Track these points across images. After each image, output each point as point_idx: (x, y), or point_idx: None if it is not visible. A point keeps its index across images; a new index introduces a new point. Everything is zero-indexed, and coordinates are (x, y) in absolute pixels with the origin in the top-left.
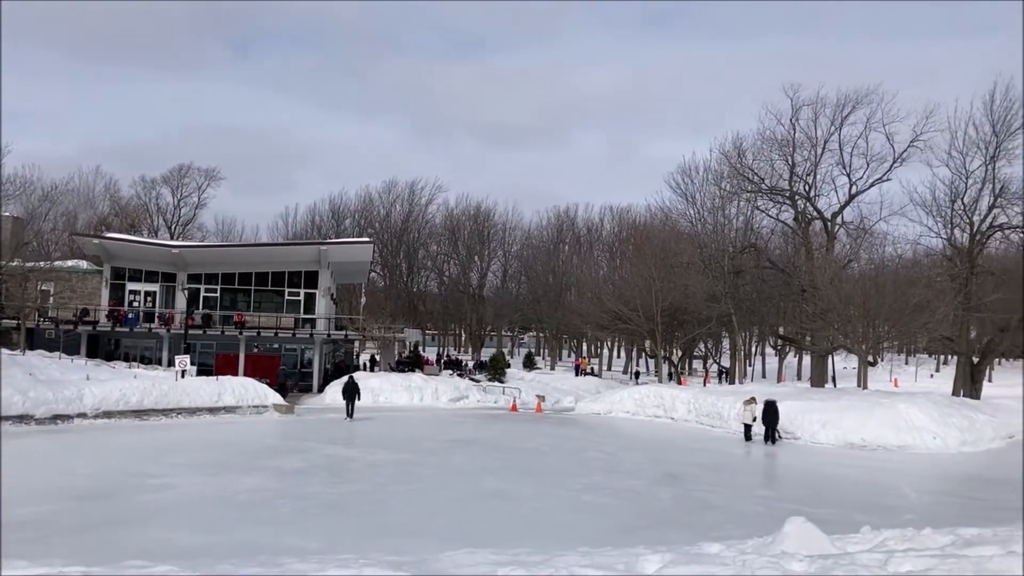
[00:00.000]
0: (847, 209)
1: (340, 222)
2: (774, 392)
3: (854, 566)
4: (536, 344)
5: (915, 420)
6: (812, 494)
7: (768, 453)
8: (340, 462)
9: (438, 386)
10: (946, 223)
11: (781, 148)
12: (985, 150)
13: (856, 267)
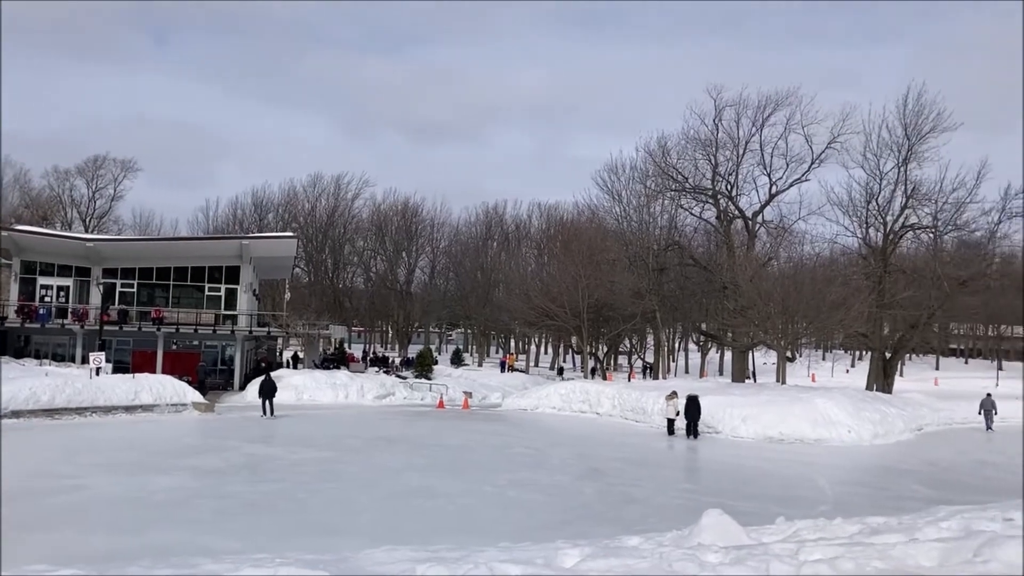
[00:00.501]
0: (767, 208)
1: (263, 216)
2: (696, 387)
3: (767, 556)
4: (464, 341)
5: (831, 414)
6: (732, 487)
7: (690, 447)
8: (261, 461)
9: (364, 383)
10: (861, 223)
11: (704, 148)
12: (898, 153)
13: (776, 265)
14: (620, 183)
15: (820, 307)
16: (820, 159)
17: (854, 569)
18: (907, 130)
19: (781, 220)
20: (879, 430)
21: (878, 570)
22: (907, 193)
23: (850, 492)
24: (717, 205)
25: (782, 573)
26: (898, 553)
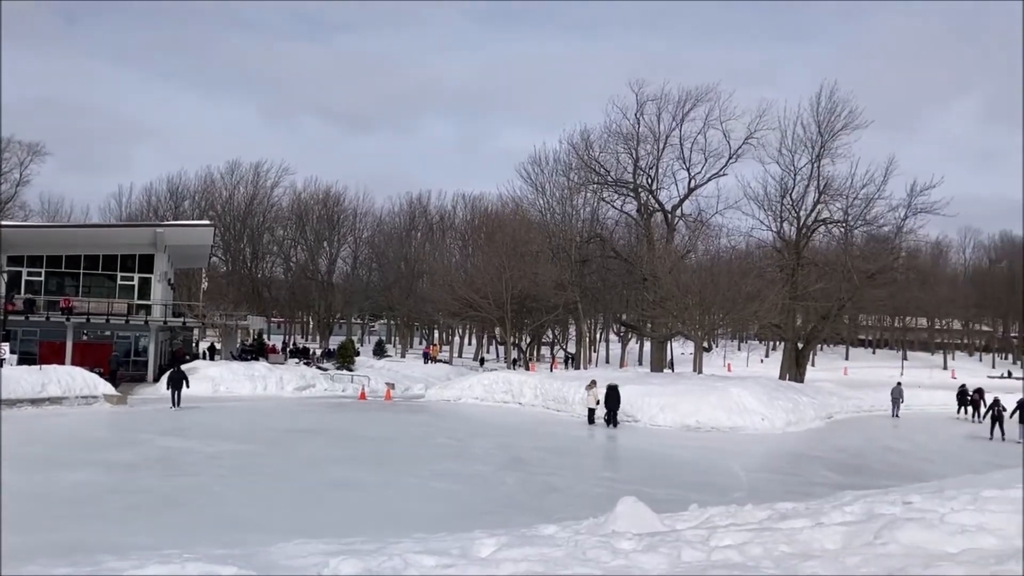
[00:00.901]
0: (686, 202)
1: (179, 204)
2: (616, 377)
3: (679, 543)
4: (387, 332)
5: (746, 403)
6: (650, 475)
7: (610, 436)
8: (176, 454)
9: (283, 375)
10: (776, 217)
11: (626, 141)
12: (811, 149)
13: (694, 258)
14: (544, 175)
15: (736, 299)
16: (737, 154)
17: (762, 554)
18: (820, 127)
19: (699, 214)
20: (791, 418)
21: (785, 554)
22: (819, 189)
23: (763, 478)
24: (638, 198)
25: (693, 559)
26: (804, 537)
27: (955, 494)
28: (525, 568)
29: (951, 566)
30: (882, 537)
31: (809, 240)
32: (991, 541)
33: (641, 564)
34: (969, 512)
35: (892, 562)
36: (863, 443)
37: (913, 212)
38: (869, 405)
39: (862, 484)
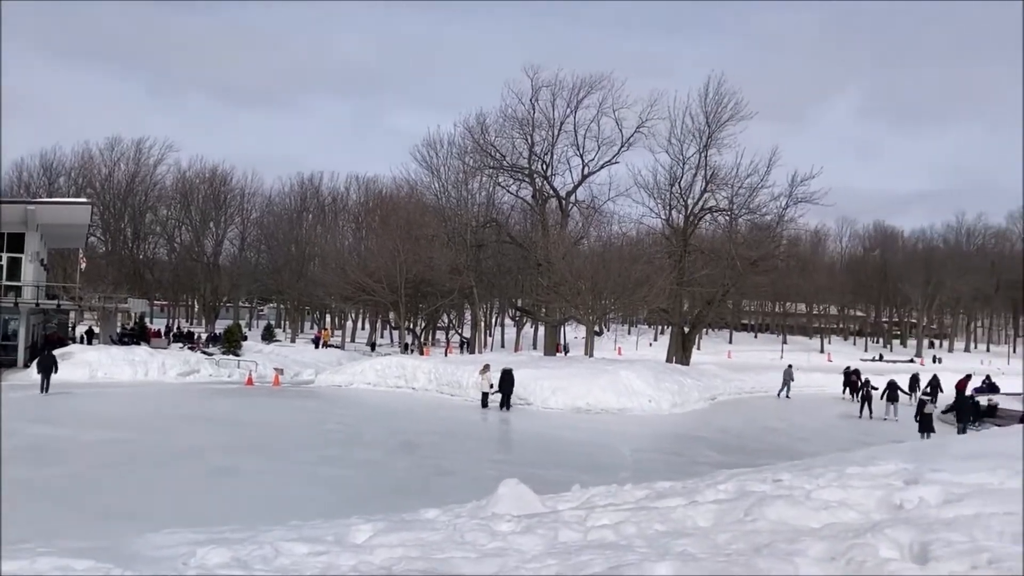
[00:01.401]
0: (580, 189)
1: (53, 180)
2: (510, 361)
3: (557, 523)
4: (276, 316)
5: (634, 385)
6: (541, 456)
7: (503, 419)
8: (49, 443)
9: (165, 360)
10: (665, 205)
11: (521, 127)
12: (699, 139)
13: (587, 244)
14: (439, 159)
15: (626, 284)
16: (629, 143)
17: (636, 533)
18: (708, 118)
19: (592, 200)
20: (677, 399)
21: (658, 532)
22: (706, 178)
23: (649, 458)
24: (533, 184)
25: (569, 539)
26: (678, 515)
27: (822, 471)
28: (401, 553)
29: (813, 541)
30: (752, 514)
31: (696, 228)
32: (851, 515)
33: (518, 545)
34: (833, 488)
35: (759, 538)
36: (744, 423)
37: (794, 202)
38: (750, 387)
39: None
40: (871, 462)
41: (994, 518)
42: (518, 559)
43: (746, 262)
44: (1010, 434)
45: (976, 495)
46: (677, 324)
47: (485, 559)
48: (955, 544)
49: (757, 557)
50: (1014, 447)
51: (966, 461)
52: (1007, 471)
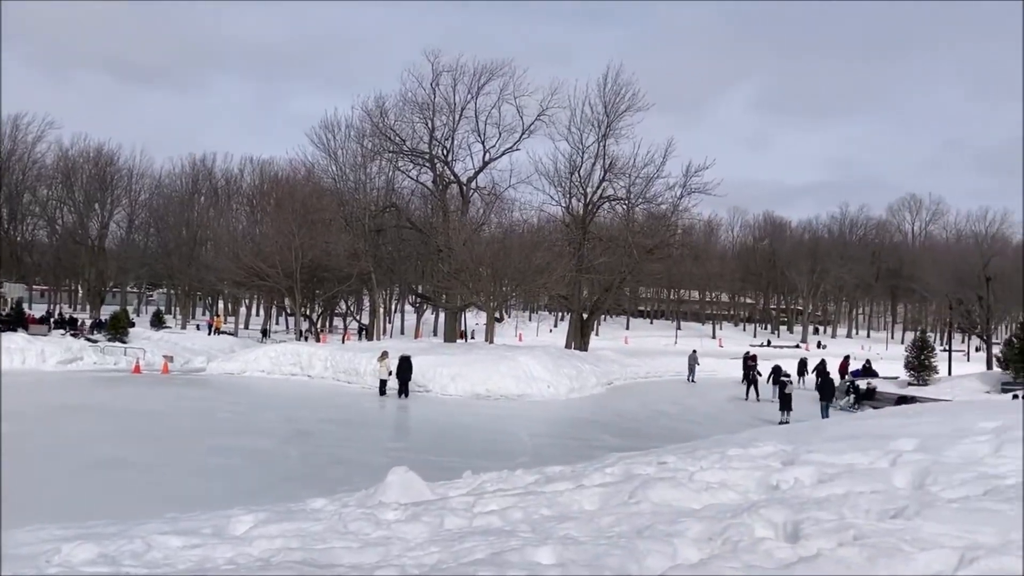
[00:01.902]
0: (481, 175)
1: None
2: (410, 348)
3: (443, 511)
4: (166, 302)
5: (533, 371)
6: (438, 443)
7: (401, 406)
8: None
9: (45, 347)
10: (565, 193)
11: (422, 111)
12: (598, 128)
13: (487, 230)
14: (337, 142)
15: (527, 271)
16: (530, 130)
17: (522, 518)
18: (607, 108)
19: (493, 187)
20: (575, 384)
21: (544, 517)
22: (605, 167)
23: (547, 443)
24: (434, 169)
25: (454, 526)
26: (565, 500)
27: (705, 453)
28: (280, 544)
29: (692, 522)
30: (636, 497)
31: (595, 216)
32: (731, 496)
33: (403, 534)
34: (715, 470)
35: (642, 520)
36: (638, 407)
37: (688, 192)
38: (646, 372)
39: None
40: (751, 444)
41: (862, 496)
42: (401, 547)
43: (642, 250)
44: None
45: (847, 475)
46: (576, 310)
47: (367, 548)
48: (824, 522)
49: (638, 539)
50: (884, 428)
51: (839, 442)
52: (877, 451)
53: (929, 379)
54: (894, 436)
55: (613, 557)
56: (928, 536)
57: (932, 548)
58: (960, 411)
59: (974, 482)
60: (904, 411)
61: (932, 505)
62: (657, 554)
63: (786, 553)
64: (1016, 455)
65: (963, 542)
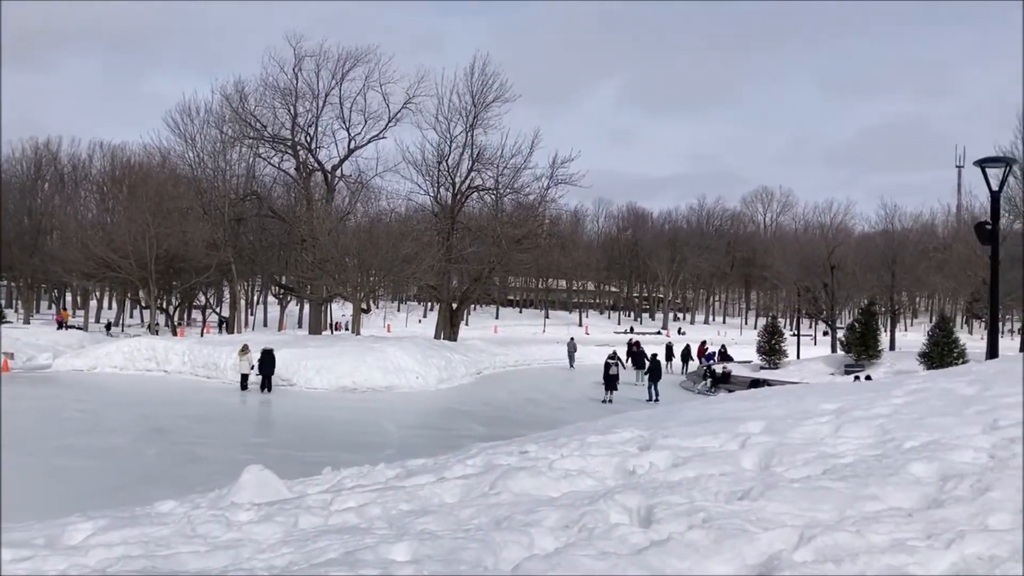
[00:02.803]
0: (346, 163)
1: None
2: (273, 340)
3: (299, 509)
4: (7, 295)
5: (401, 362)
6: (303, 438)
7: (264, 401)
8: None
9: None
10: (433, 182)
11: (284, 97)
12: (466, 118)
13: (354, 219)
14: (194, 127)
15: (394, 261)
16: (396, 118)
17: (380, 514)
18: (474, 97)
19: (359, 175)
20: (444, 375)
21: (403, 512)
22: (473, 157)
23: (415, 435)
24: (296, 156)
25: (309, 525)
26: (425, 493)
27: (566, 441)
28: (121, 552)
29: (550, 510)
30: (496, 487)
31: (463, 206)
32: (589, 483)
33: (255, 535)
34: (575, 458)
35: (501, 511)
36: (507, 396)
37: (555, 182)
38: (515, 360)
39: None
40: (611, 430)
41: (712, 479)
42: (252, 550)
43: (511, 240)
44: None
45: (699, 458)
46: (445, 300)
47: (215, 552)
48: (675, 506)
49: (496, 531)
50: (736, 411)
51: (693, 426)
52: (727, 434)
53: (780, 363)
54: (744, 419)
55: (469, 550)
56: (771, 516)
57: (775, 527)
58: (804, 394)
59: (815, 462)
60: (754, 394)
61: (776, 486)
62: (514, 545)
63: (639, 538)
64: (854, 435)
65: (803, 520)
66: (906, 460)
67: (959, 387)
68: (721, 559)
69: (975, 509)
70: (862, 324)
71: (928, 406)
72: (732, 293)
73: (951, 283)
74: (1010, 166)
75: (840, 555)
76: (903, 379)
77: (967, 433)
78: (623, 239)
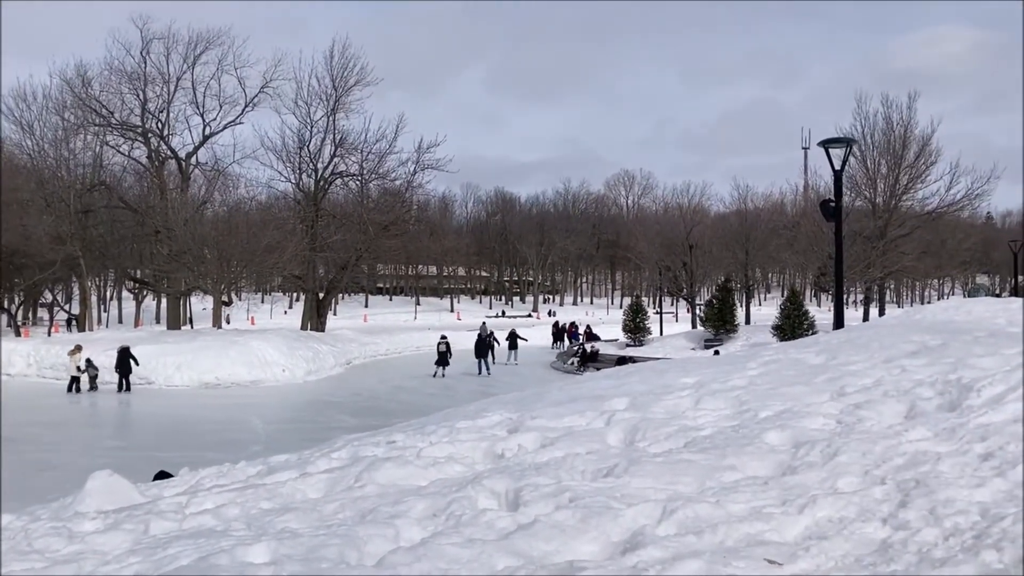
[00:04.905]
0: (202, 150)
1: None
2: (129, 337)
3: (150, 515)
4: None
5: (267, 355)
6: (164, 439)
7: (121, 401)
8: None
9: None
10: (295, 169)
11: (131, 81)
12: (327, 102)
13: (211, 209)
14: (32, 113)
15: (256, 251)
16: (253, 103)
17: (239, 514)
18: (335, 81)
19: (216, 163)
20: (312, 367)
21: (263, 511)
22: (335, 142)
23: (283, 429)
24: (148, 144)
25: (161, 530)
26: (287, 490)
27: (435, 428)
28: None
29: (417, 500)
30: (361, 480)
31: (327, 192)
32: (458, 469)
33: (99, 546)
34: (443, 444)
35: (367, 503)
36: (377, 385)
37: (421, 168)
38: (385, 349)
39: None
40: (480, 415)
41: (578, 458)
42: (96, 562)
43: (378, 226)
44: (600, 377)
45: (566, 437)
46: (311, 290)
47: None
48: (543, 487)
49: (360, 525)
50: (601, 389)
51: (560, 407)
52: (593, 412)
53: (644, 340)
54: (609, 396)
55: (331, 547)
56: (635, 491)
57: (639, 503)
58: (665, 369)
59: (676, 435)
60: (619, 371)
61: (639, 461)
62: (378, 538)
63: (506, 522)
64: (712, 407)
65: (665, 494)
66: (761, 429)
67: (808, 357)
68: (587, 538)
69: (825, 473)
70: (719, 300)
71: (780, 376)
72: (598, 274)
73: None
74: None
75: (701, 527)
76: (758, 351)
77: (817, 401)
78: (492, 224)
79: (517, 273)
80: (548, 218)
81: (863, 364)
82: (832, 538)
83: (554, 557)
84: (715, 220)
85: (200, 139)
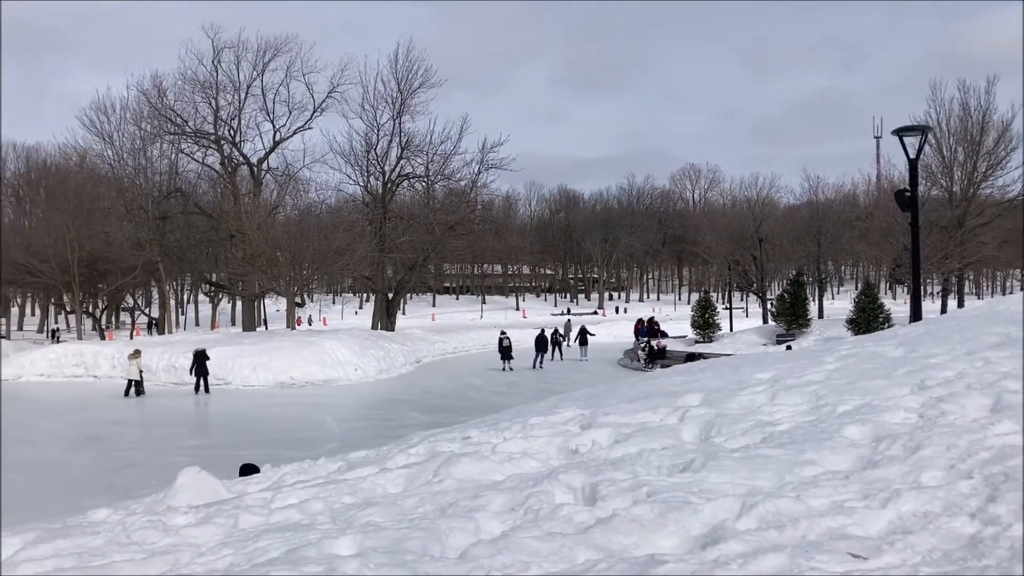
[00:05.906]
0: (272, 155)
1: None
2: (206, 340)
3: (238, 510)
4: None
5: (339, 355)
6: (241, 438)
7: (199, 402)
8: None
9: None
10: (362, 172)
11: (204, 90)
12: (392, 106)
13: (283, 213)
14: (112, 124)
15: (326, 253)
16: (321, 108)
17: (323, 508)
18: (399, 84)
19: (287, 168)
20: (383, 365)
21: (346, 505)
22: (402, 144)
23: (356, 427)
24: (221, 151)
25: (249, 524)
26: (368, 485)
27: (508, 424)
28: (53, 565)
29: (495, 494)
30: (439, 475)
31: (394, 194)
32: (533, 465)
33: (193, 539)
34: (517, 440)
35: (446, 498)
36: (446, 382)
37: (485, 167)
38: (453, 347)
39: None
40: (552, 411)
41: (654, 454)
42: (191, 554)
43: (444, 227)
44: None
45: (640, 433)
46: (381, 291)
47: (153, 559)
48: (619, 482)
49: (441, 518)
50: (673, 386)
51: (633, 403)
52: (666, 408)
53: (713, 336)
54: (681, 393)
55: (415, 540)
56: (713, 486)
57: (717, 498)
58: (739, 364)
59: (753, 431)
60: (690, 368)
61: (716, 456)
62: (459, 531)
63: (584, 516)
64: (789, 402)
65: (744, 489)
66: (840, 424)
67: (887, 350)
68: (666, 532)
69: (908, 468)
70: (791, 294)
71: (858, 370)
72: (665, 270)
73: (874, 250)
74: (926, 134)
75: (782, 521)
76: (833, 345)
77: (897, 394)
78: (556, 221)
79: (582, 270)
80: (612, 214)
81: (944, 356)
82: (918, 532)
83: (634, 551)
84: (785, 212)
85: (271, 145)
